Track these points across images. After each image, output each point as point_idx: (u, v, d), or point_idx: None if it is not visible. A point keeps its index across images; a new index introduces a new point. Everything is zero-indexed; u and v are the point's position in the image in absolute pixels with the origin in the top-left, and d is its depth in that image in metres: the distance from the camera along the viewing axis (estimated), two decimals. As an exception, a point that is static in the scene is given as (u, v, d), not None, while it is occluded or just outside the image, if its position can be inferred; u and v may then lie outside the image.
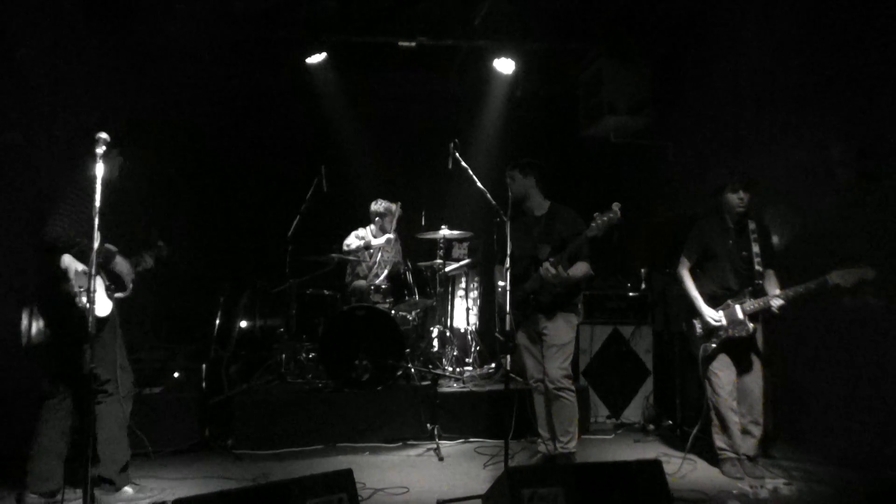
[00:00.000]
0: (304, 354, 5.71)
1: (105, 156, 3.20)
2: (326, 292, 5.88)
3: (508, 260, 3.87)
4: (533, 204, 4.30)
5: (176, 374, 4.95)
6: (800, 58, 4.60)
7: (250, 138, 7.08)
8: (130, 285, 3.79)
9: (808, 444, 4.49)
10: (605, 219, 3.75)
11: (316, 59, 6.21)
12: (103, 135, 3.15)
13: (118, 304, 3.72)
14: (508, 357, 3.76)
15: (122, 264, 3.72)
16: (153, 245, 4.06)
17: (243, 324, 6.04)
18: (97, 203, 3.03)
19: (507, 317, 3.70)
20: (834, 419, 4.28)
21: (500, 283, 4.19)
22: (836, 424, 4.26)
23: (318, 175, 5.84)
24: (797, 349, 4.51)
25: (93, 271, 3.03)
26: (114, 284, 3.70)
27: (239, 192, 7.00)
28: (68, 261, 3.44)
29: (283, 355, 5.61)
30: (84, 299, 3.21)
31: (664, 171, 6.20)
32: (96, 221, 3.04)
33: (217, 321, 5.74)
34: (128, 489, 3.70)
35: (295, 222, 5.76)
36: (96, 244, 3.04)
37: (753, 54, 4.94)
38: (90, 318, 3.03)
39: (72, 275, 3.42)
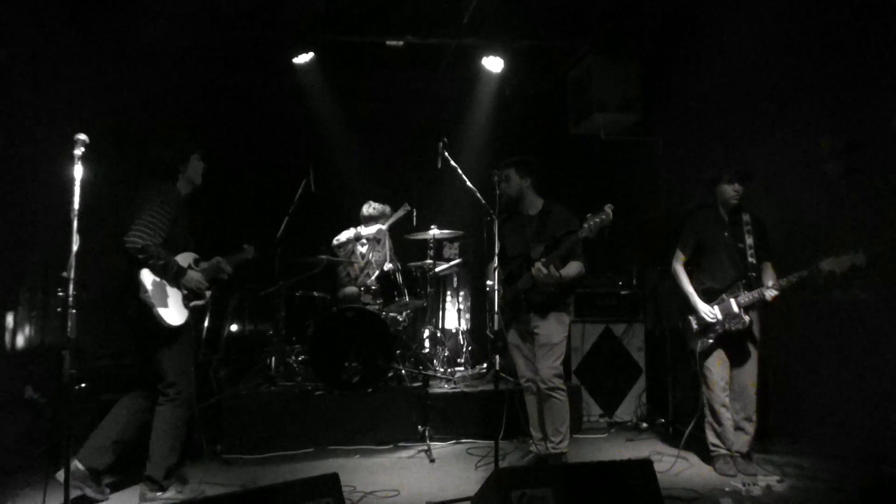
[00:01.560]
0: (293, 357, 5.69)
1: (186, 163, 3.75)
2: (316, 294, 5.86)
3: (497, 259, 3.84)
4: (526, 203, 4.28)
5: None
6: (788, 52, 4.59)
7: (237, 139, 7.03)
8: (207, 294, 3.90)
9: (801, 440, 4.48)
10: (598, 220, 3.74)
11: (303, 59, 6.17)
12: (82, 136, 3.12)
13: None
14: (498, 357, 3.73)
15: (191, 280, 3.74)
16: (237, 251, 4.18)
17: (233, 327, 6.01)
18: (75, 205, 3.01)
19: (496, 316, 3.66)
20: (828, 414, 4.27)
21: (490, 282, 4.16)
22: (829, 420, 4.25)
23: (306, 176, 5.80)
24: (792, 345, 4.50)
25: (72, 275, 2.99)
26: (191, 293, 3.78)
27: (226, 193, 6.93)
28: (145, 274, 3.56)
29: (273, 358, 5.58)
30: (158, 310, 3.51)
31: (655, 167, 6.18)
32: (75, 225, 3.00)
33: (205, 324, 5.69)
34: (171, 491, 3.73)
35: (283, 224, 5.72)
36: (74, 248, 3.00)
37: (742, 49, 4.92)
38: (162, 323, 3.47)
39: (149, 286, 3.54)
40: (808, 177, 4.38)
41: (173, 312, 3.63)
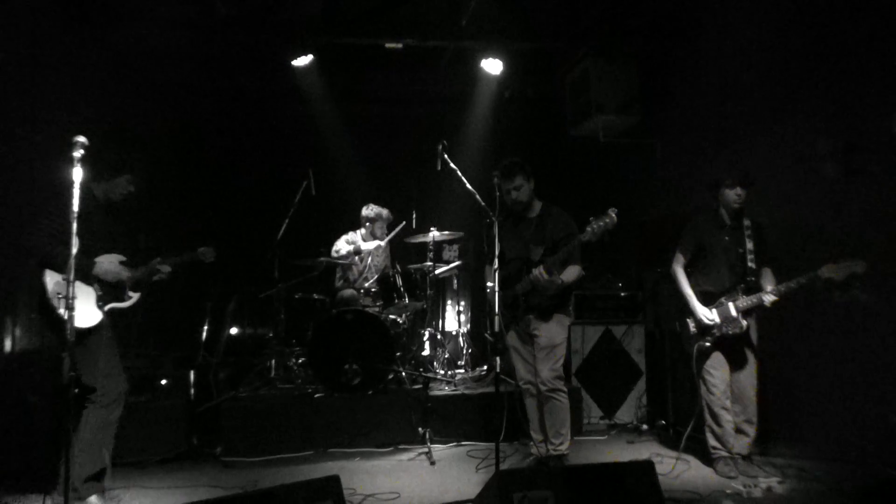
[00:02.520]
0: (293, 360, 5.67)
1: (114, 179, 3.58)
2: (315, 297, 5.84)
3: (497, 261, 3.83)
4: (528, 206, 4.27)
5: (163, 382, 4.88)
6: (787, 53, 4.60)
7: (236, 142, 7.04)
8: (133, 295, 3.79)
9: (802, 442, 4.46)
10: (601, 224, 3.71)
11: (302, 61, 6.18)
12: (81, 139, 3.10)
13: (117, 313, 3.73)
14: (498, 359, 3.71)
15: (107, 273, 3.63)
16: (183, 251, 4.07)
17: (232, 330, 6.01)
18: (75, 207, 3.00)
19: (496, 318, 3.66)
20: (828, 416, 4.26)
21: (490, 284, 4.16)
22: (830, 421, 4.25)
23: (305, 178, 5.81)
24: (791, 346, 4.50)
25: (71, 278, 2.98)
26: (108, 295, 3.67)
27: (226, 196, 6.95)
28: (47, 275, 3.46)
29: (273, 361, 5.57)
30: (62, 310, 3.22)
31: (654, 169, 6.19)
32: (74, 227, 3.00)
33: (205, 327, 5.69)
34: (92, 499, 3.59)
35: (283, 226, 5.73)
36: (74, 250, 3.00)
37: (741, 50, 4.94)
38: (68, 327, 3.02)
39: (50, 287, 3.44)
40: (807, 179, 4.38)
41: (80, 314, 3.41)
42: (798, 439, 4.45)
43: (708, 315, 4.14)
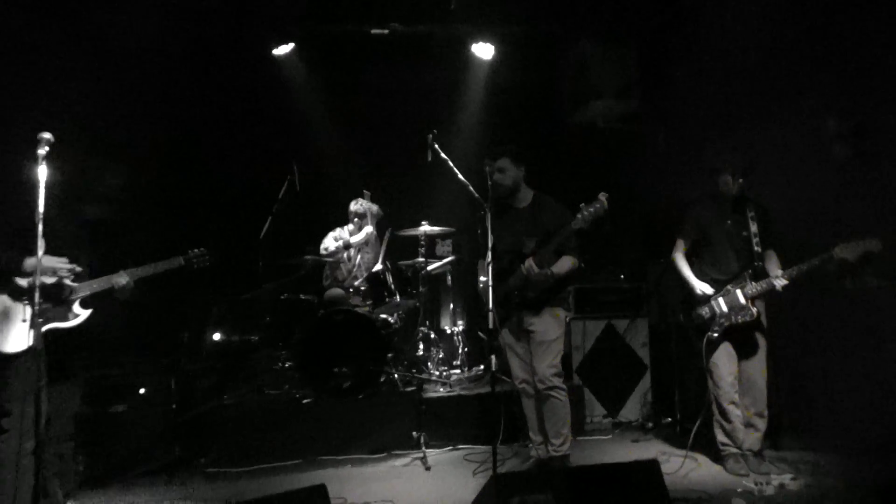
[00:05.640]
0: (280, 364, 5.63)
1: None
2: (302, 297, 5.80)
3: (490, 254, 3.80)
4: (518, 195, 4.24)
5: (142, 391, 4.82)
6: (792, 32, 4.56)
7: (216, 137, 6.93)
8: (80, 313, 3.45)
9: (815, 435, 4.45)
10: (591, 210, 3.70)
11: (283, 50, 6.13)
12: (46, 135, 3.04)
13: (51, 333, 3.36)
14: (494, 357, 3.68)
15: (44, 270, 3.17)
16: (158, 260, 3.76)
17: (215, 335, 5.96)
18: (40, 208, 2.93)
19: (490, 314, 3.62)
20: (842, 408, 4.25)
21: (483, 279, 4.12)
22: (844, 413, 4.23)
23: (290, 174, 5.78)
24: (802, 336, 4.48)
25: (37, 283, 2.90)
26: (49, 312, 3.31)
27: (206, 193, 6.87)
28: None
29: (259, 366, 5.56)
30: None
31: (656, 155, 6.15)
32: (40, 229, 2.92)
33: (187, 332, 5.64)
34: None
35: (267, 224, 5.68)
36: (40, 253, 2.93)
37: (743, 30, 4.89)
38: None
39: None
40: (815, 161, 4.35)
41: (12, 335, 3.18)
42: (810, 432, 4.43)
43: (706, 290, 4.12)
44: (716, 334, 4.12)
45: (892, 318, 3.92)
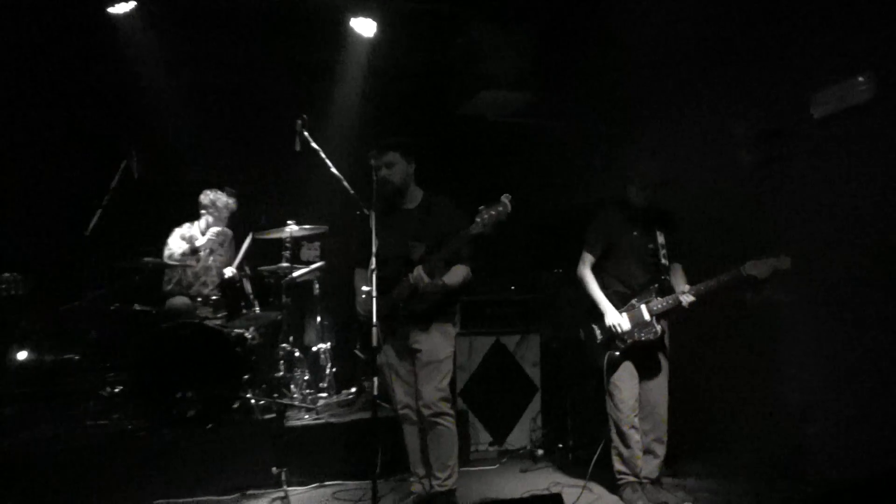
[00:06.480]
0: (107, 389, 5.31)
1: None
2: (138, 307, 5.49)
3: (374, 261, 3.69)
4: (407, 195, 4.16)
5: None
6: (703, 28, 4.76)
7: (33, 110, 6.35)
8: None
9: (714, 461, 4.65)
10: (493, 213, 3.65)
11: (122, 8, 5.71)
12: None
13: None
14: (376, 380, 3.54)
15: None
16: None
17: (21, 354, 5.60)
18: None
19: (374, 329, 3.50)
20: (742, 428, 4.46)
21: (364, 289, 3.97)
22: (744, 434, 4.44)
23: (126, 158, 5.52)
24: (701, 356, 4.66)
25: None
26: None
27: (14, 179, 6.25)
28: None
29: (80, 391, 5.25)
30: None
31: (553, 154, 6.25)
32: None
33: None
34: None
35: (95, 218, 5.36)
36: None
37: (652, 22, 5.04)
38: None
39: None
40: (724, 166, 4.55)
41: None
42: (711, 457, 4.62)
43: (622, 324, 4.15)
44: (617, 353, 4.19)
45: (794, 336, 4.14)
